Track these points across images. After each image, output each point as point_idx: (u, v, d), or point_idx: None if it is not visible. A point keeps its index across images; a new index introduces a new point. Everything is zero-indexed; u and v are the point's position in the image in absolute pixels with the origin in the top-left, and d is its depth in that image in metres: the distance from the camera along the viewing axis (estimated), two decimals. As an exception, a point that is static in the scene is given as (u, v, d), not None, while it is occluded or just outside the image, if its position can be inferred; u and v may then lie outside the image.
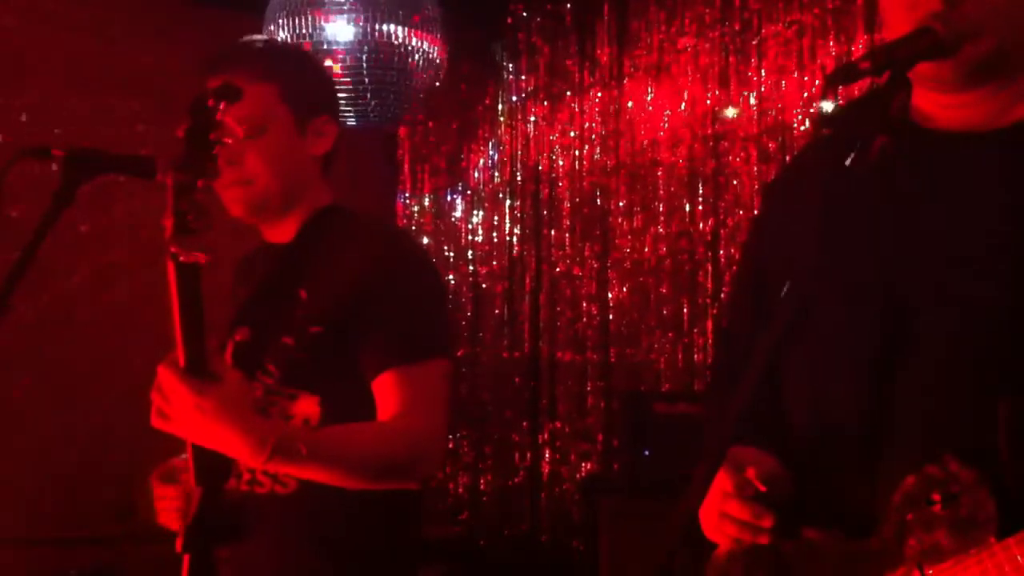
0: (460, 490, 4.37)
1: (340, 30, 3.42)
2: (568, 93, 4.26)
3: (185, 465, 1.59)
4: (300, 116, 1.82)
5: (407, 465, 1.67)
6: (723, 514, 1.22)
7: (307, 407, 1.74)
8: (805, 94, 3.56)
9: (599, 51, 4.15)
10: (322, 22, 3.41)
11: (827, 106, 1.49)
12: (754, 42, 3.69)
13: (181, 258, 1.39)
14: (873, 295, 1.25)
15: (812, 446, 1.28)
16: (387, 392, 1.68)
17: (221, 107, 1.43)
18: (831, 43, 3.47)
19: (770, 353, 1.09)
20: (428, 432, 1.68)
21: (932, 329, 1.20)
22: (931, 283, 1.21)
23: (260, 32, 3.52)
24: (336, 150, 1.88)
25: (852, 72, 1.15)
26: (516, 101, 4.44)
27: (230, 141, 1.45)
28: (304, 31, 3.39)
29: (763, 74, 3.67)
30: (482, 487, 4.38)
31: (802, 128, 3.58)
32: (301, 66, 1.92)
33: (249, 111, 1.73)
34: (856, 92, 1.56)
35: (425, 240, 4.57)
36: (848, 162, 1.13)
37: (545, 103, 4.35)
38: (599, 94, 4.17)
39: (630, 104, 4.09)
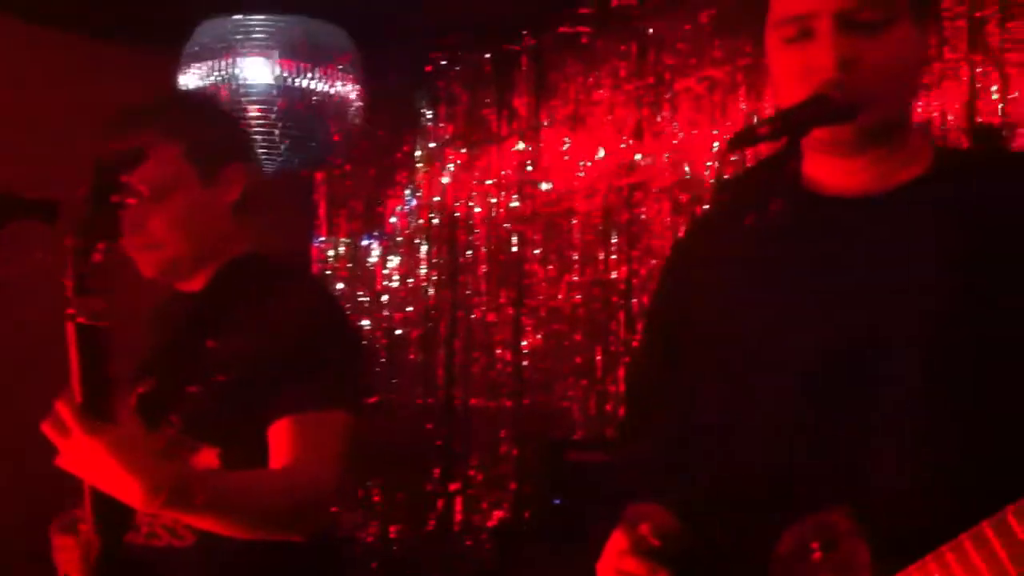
0: (370, 539, 4.31)
1: (257, 73, 3.40)
2: (486, 141, 4.29)
3: (84, 513, 1.57)
4: (206, 169, 1.80)
5: (288, 516, 1.63)
6: (619, 571, 1.23)
7: (208, 458, 1.71)
8: (716, 148, 3.65)
9: (517, 101, 4.20)
10: (239, 65, 3.40)
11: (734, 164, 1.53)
12: (668, 96, 3.76)
13: (79, 319, 1.39)
14: (776, 356, 1.28)
15: (717, 500, 1.30)
16: (279, 440, 1.65)
17: (124, 170, 1.43)
18: (741, 99, 3.56)
19: (675, 411, 1.11)
20: (314, 485, 1.65)
21: (833, 389, 1.23)
22: (830, 344, 1.25)
23: (177, 72, 3.49)
24: (249, 194, 1.86)
25: (751, 137, 1.19)
26: (434, 148, 4.46)
27: (134, 202, 1.45)
28: (221, 73, 3.37)
29: (676, 127, 3.75)
30: (392, 535, 4.34)
31: (711, 181, 3.65)
32: (206, 119, 1.90)
33: (153, 173, 1.70)
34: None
35: (340, 285, 4.54)
36: (746, 225, 1.16)
37: (463, 150, 4.37)
38: (517, 143, 4.22)
39: (548, 154, 4.13)
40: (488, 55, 4.23)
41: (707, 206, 1.30)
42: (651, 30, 3.77)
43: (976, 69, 2.96)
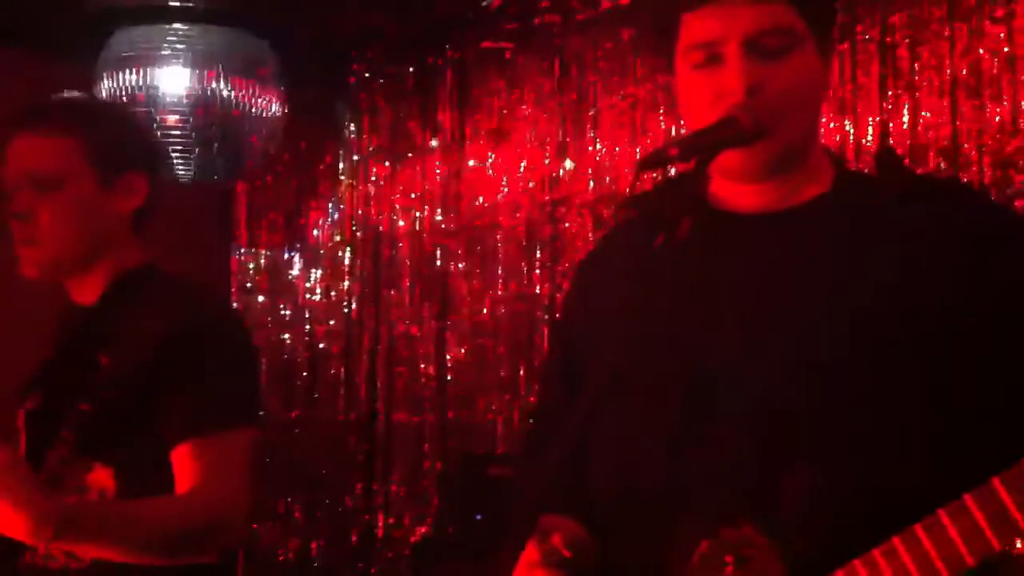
0: (290, 555, 4.26)
1: (174, 82, 3.35)
2: (410, 154, 4.28)
3: None
4: (105, 173, 1.76)
5: (201, 538, 1.62)
6: None
7: (102, 478, 1.68)
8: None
9: (441, 114, 4.20)
10: (155, 74, 3.34)
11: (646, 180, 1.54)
12: (590, 113, 3.80)
13: None
14: (676, 369, 1.29)
15: (617, 514, 1.31)
16: (183, 464, 1.63)
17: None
18: (662, 116, 3.61)
19: (579, 427, 1.12)
20: (224, 504, 1.64)
21: (729, 402, 1.25)
22: (730, 357, 1.26)
23: (94, 80, 3.43)
24: (151, 206, 1.82)
25: (661, 158, 1.21)
26: (357, 160, 4.43)
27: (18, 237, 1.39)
28: (137, 82, 3.32)
29: (598, 144, 3.78)
30: (313, 552, 4.28)
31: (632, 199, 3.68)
32: (109, 121, 1.86)
33: (47, 166, 1.69)
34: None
35: (260, 298, 4.48)
36: (656, 243, 1.17)
37: (387, 163, 4.36)
38: (440, 156, 4.21)
39: (471, 168, 4.14)
40: (411, 68, 4.22)
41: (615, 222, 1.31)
42: (574, 47, 3.80)
43: (888, 93, 3.03)
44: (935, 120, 2.93)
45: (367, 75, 4.31)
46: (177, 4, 3.37)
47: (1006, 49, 2.79)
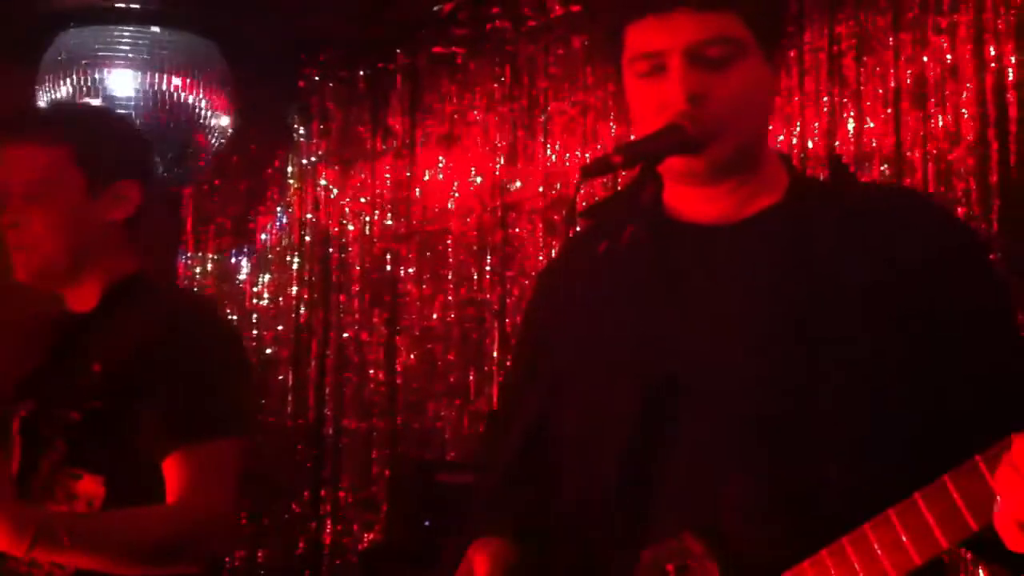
0: (237, 563, 4.21)
1: (120, 85, 3.31)
2: (360, 159, 4.26)
3: None
4: (95, 180, 1.78)
5: (186, 548, 1.64)
6: None
7: (91, 487, 1.69)
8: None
9: (392, 119, 4.18)
10: (102, 75, 3.30)
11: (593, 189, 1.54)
12: (541, 119, 3.80)
13: None
14: (633, 379, 1.29)
15: (578, 519, 1.31)
16: (173, 473, 1.64)
17: None
18: (612, 124, 3.62)
19: (530, 435, 1.12)
20: (210, 514, 1.65)
21: (683, 410, 1.25)
22: (686, 368, 1.27)
23: (38, 82, 3.37)
24: (141, 214, 1.84)
25: (605, 165, 1.21)
26: (307, 164, 4.40)
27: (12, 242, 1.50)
28: (82, 84, 3.27)
29: (548, 150, 3.79)
30: (260, 560, 4.24)
31: (584, 204, 3.70)
32: (99, 129, 1.88)
33: (37, 175, 1.72)
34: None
35: (208, 302, 4.43)
36: (600, 249, 1.18)
37: (336, 168, 4.33)
38: (391, 161, 4.20)
39: (422, 173, 4.13)
40: (362, 72, 4.20)
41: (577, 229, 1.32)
42: (525, 54, 3.81)
43: (834, 100, 3.07)
44: (880, 128, 2.97)
45: (318, 79, 4.29)
46: (123, 6, 3.32)
47: (949, 58, 2.84)
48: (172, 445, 1.64)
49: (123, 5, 3.34)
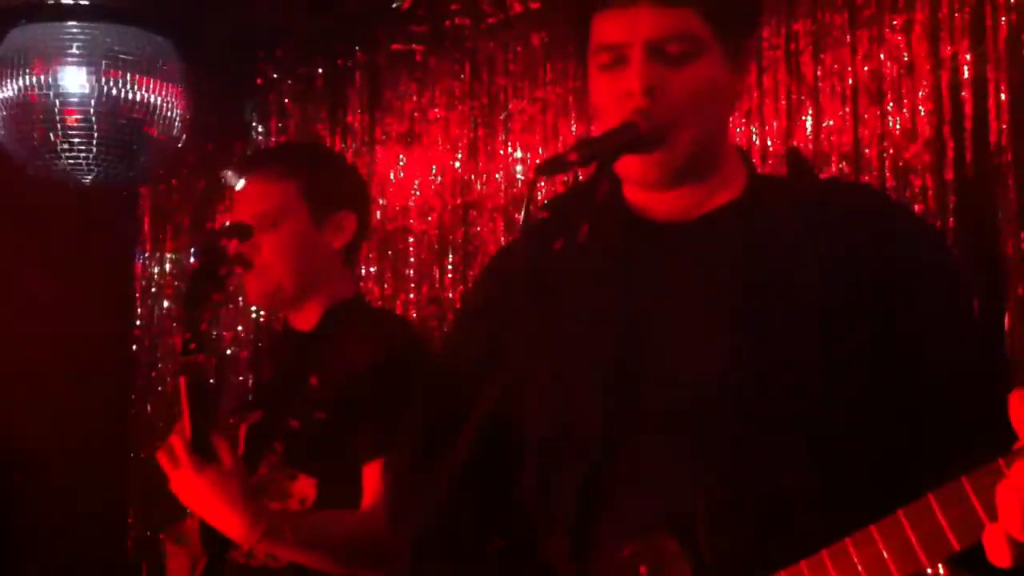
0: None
1: (73, 82, 3.26)
2: (319, 157, 4.23)
3: (194, 527, 1.82)
4: (318, 211, 2.00)
5: (379, 553, 1.75)
6: None
7: (304, 488, 1.87)
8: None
9: (351, 117, 4.15)
10: (54, 73, 3.24)
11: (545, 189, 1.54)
12: (501, 116, 3.79)
13: (185, 375, 1.64)
14: (594, 375, 1.29)
15: (538, 519, 1.30)
16: (371, 480, 1.81)
17: (232, 244, 1.69)
18: (573, 120, 3.62)
19: (482, 432, 1.11)
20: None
21: (646, 408, 1.25)
22: (648, 364, 1.27)
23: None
24: (357, 241, 2.07)
25: (560, 163, 1.21)
26: (265, 162, 4.36)
27: (240, 271, 1.73)
28: (32, 81, 3.21)
29: (509, 148, 3.77)
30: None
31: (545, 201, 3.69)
32: (321, 165, 2.12)
33: (270, 205, 1.95)
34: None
35: (166, 303, 4.37)
36: (556, 246, 1.18)
37: (295, 166, 4.29)
38: (350, 159, 4.16)
39: (382, 171, 4.10)
40: (321, 69, 4.17)
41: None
42: (484, 50, 3.80)
43: (792, 97, 3.08)
44: (838, 125, 2.98)
45: (275, 76, 4.25)
46: (73, 2, 3.27)
47: (905, 56, 2.86)
48: (374, 454, 1.81)
49: (73, 1, 3.28)
